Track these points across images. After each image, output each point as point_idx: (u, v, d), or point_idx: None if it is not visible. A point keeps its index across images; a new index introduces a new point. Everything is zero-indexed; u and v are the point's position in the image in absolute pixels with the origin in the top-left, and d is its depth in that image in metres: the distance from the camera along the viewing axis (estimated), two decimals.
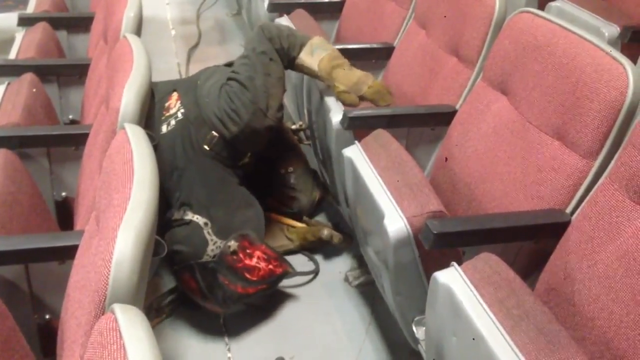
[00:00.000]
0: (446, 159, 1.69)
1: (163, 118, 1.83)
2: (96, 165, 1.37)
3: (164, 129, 1.81)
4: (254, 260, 1.72)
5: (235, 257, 1.70)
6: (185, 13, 4.29)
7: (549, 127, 1.41)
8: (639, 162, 1.14)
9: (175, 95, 1.87)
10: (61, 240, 1.28)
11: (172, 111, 1.83)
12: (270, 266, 1.75)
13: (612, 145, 1.27)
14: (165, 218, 1.76)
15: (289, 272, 1.82)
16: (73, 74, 2.14)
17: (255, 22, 3.00)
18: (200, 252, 1.70)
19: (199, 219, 1.73)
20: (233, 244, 1.70)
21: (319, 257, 2.08)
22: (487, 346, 0.99)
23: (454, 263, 1.14)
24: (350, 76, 1.80)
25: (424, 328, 1.38)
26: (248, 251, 1.72)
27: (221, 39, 3.93)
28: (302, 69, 1.87)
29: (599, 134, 1.28)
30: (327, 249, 2.13)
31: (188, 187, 1.77)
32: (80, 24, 2.53)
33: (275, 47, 1.82)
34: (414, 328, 1.42)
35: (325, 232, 2.03)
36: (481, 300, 1.05)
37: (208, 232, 1.72)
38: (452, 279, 1.11)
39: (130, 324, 0.71)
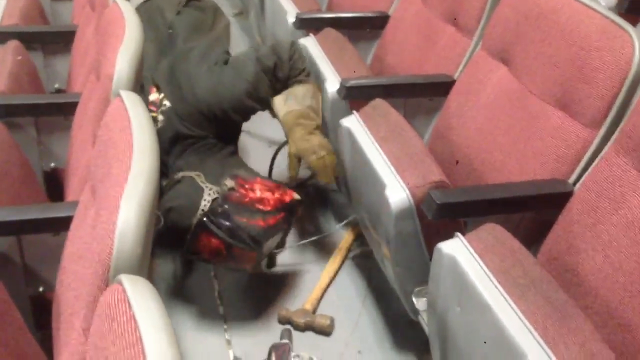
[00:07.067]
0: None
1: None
2: (88, 135, 1.33)
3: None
4: (257, 192, 1.64)
5: (237, 193, 1.62)
6: None
7: (551, 96, 1.39)
8: None
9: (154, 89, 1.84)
10: (55, 211, 1.24)
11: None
12: (277, 195, 1.66)
13: (617, 114, 1.26)
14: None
15: (299, 200, 1.71)
16: (58, 41, 2.08)
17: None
18: (197, 201, 1.60)
19: (190, 173, 1.68)
20: (229, 181, 1.63)
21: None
22: (494, 315, 0.98)
23: (458, 233, 1.12)
24: (305, 141, 1.76)
25: (425, 299, 1.38)
26: (247, 186, 1.64)
27: None
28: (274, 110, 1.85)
29: (603, 103, 1.27)
30: (323, 220, 2.12)
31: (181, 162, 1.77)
32: None
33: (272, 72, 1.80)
34: (414, 299, 1.41)
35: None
36: (487, 270, 1.04)
37: (201, 181, 1.65)
38: (456, 249, 1.10)
39: (139, 294, 0.69)
